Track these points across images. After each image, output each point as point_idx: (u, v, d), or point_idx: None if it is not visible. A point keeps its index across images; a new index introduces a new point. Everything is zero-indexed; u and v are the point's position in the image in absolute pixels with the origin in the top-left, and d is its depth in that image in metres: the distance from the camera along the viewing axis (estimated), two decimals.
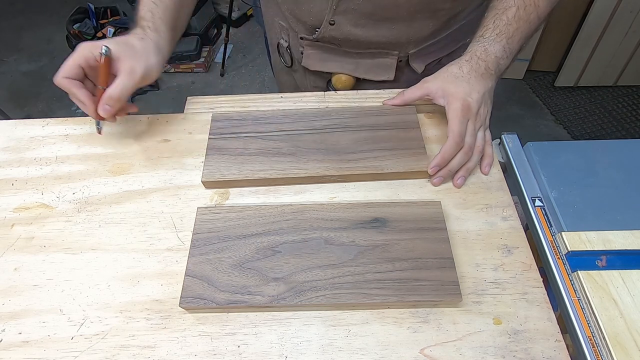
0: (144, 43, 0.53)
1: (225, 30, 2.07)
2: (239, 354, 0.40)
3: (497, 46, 0.52)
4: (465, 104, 0.49)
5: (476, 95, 0.51)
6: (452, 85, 0.51)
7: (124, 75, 0.50)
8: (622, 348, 0.38)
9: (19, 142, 0.59)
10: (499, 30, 0.52)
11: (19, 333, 0.42)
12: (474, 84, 0.51)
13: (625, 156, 0.52)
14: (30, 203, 0.52)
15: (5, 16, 2.54)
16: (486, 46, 0.52)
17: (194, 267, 0.44)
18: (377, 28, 0.62)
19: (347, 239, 0.45)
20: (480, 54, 0.52)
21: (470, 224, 0.48)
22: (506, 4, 0.53)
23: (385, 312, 0.42)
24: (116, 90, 0.50)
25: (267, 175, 0.51)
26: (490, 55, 0.52)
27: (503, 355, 0.39)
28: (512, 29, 0.52)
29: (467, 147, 0.50)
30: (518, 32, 0.53)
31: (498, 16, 0.53)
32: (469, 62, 0.52)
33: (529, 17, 0.53)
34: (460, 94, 0.50)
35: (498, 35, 0.52)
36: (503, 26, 0.52)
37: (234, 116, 0.57)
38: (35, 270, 0.46)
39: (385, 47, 0.65)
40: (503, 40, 0.52)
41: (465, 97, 0.50)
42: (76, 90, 0.50)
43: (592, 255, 0.44)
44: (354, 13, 0.60)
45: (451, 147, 0.49)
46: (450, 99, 0.50)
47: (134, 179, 0.54)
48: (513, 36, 0.52)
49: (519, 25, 0.53)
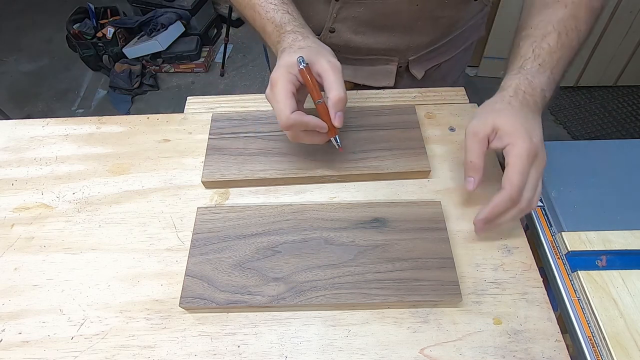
0: (312, 39, 0.46)
1: (225, 30, 2.07)
2: (239, 354, 0.40)
3: (542, 78, 0.45)
4: (531, 147, 0.40)
5: (538, 135, 0.42)
6: (510, 122, 0.41)
7: (332, 73, 0.43)
8: (622, 348, 0.38)
9: (19, 142, 0.59)
10: (542, 60, 0.45)
11: (19, 333, 0.42)
12: (532, 122, 0.42)
13: (625, 156, 0.52)
14: (30, 203, 0.52)
15: (5, 16, 2.54)
16: (530, 79, 0.44)
17: (194, 267, 0.44)
18: (377, 35, 0.61)
19: (347, 239, 0.45)
20: (525, 88, 0.44)
21: (470, 224, 0.48)
22: (544, 30, 0.46)
23: (385, 312, 0.42)
24: (340, 90, 0.42)
25: (267, 175, 0.51)
26: (536, 88, 0.44)
27: (503, 355, 0.39)
28: (555, 57, 0.45)
29: (524, 204, 0.41)
30: (562, 60, 0.46)
31: (537, 44, 0.46)
32: (516, 97, 0.43)
33: (571, 43, 0.46)
34: (523, 134, 0.40)
35: (541, 66, 0.45)
36: (545, 55, 0.45)
37: (234, 116, 0.57)
38: (35, 270, 0.46)
39: (385, 53, 0.65)
40: (547, 70, 0.45)
41: (531, 138, 0.41)
42: (308, 119, 0.43)
43: (592, 255, 0.44)
44: (354, 21, 0.59)
45: (505, 202, 0.40)
46: (513, 140, 0.40)
47: (134, 179, 0.54)
48: (557, 65, 0.45)
49: (562, 53, 0.45)
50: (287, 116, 0.42)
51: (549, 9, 0.47)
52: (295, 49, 0.44)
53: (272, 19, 0.48)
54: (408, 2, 0.56)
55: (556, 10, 0.47)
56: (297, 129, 0.44)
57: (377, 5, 0.56)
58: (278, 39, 0.47)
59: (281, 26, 0.47)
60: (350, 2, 0.57)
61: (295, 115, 0.42)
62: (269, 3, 0.48)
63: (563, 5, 0.47)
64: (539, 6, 0.48)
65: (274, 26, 0.48)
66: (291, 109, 0.42)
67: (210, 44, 2.30)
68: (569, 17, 0.46)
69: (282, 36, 0.46)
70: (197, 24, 2.22)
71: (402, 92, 0.63)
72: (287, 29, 0.47)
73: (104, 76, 2.16)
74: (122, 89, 2.04)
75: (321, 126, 0.44)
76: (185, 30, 2.19)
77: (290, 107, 0.42)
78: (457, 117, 0.59)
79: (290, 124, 0.42)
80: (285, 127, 0.43)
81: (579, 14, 0.46)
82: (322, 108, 0.44)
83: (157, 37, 2.08)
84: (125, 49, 2.10)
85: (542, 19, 0.47)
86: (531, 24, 0.48)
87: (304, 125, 0.43)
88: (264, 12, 0.48)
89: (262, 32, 0.50)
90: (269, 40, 0.49)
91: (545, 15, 0.47)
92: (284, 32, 0.47)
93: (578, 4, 0.47)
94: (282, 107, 0.42)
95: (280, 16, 0.47)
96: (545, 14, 0.47)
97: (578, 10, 0.46)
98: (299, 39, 0.45)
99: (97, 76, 2.18)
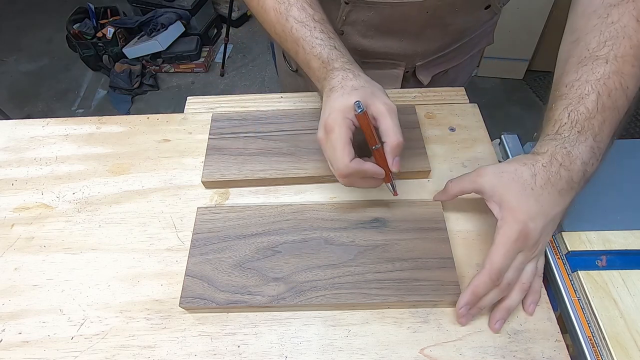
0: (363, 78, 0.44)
1: (225, 30, 2.07)
2: (239, 354, 0.40)
3: (583, 148, 0.38)
4: (523, 231, 0.38)
5: (542, 222, 0.38)
6: (515, 196, 0.38)
7: (388, 117, 0.41)
8: (622, 348, 0.38)
9: (19, 142, 0.59)
10: (580, 127, 0.39)
11: (19, 333, 0.42)
12: (544, 204, 0.38)
13: (625, 156, 0.52)
14: (30, 203, 0.52)
15: (5, 16, 2.54)
16: (568, 148, 0.38)
17: (194, 267, 0.44)
18: (385, 40, 0.61)
19: (347, 239, 0.45)
20: (562, 159, 0.38)
21: (470, 224, 0.48)
22: (581, 91, 0.40)
23: (385, 312, 0.42)
24: (399, 135, 0.40)
25: (267, 175, 0.51)
26: (575, 161, 0.38)
27: (503, 355, 0.39)
28: (597, 122, 0.39)
29: (504, 284, 0.39)
30: (606, 124, 0.39)
31: (574, 107, 0.39)
32: (546, 170, 0.38)
33: (615, 104, 0.39)
34: (521, 215, 0.38)
35: (580, 134, 0.39)
36: (584, 121, 0.39)
37: (234, 116, 0.57)
38: (35, 270, 0.46)
39: (393, 58, 0.64)
40: (589, 138, 0.39)
41: (527, 222, 0.38)
42: (367, 167, 0.41)
43: (592, 255, 0.44)
44: (363, 24, 0.59)
45: (484, 283, 0.38)
46: (506, 216, 0.38)
47: (134, 179, 0.54)
48: (601, 131, 0.39)
49: (605, 117, 0.39)
50: (346, 165, 0.40)
51: (586, 65, 0.41)
52: (349, 89, 0.42)
53: (319, 55, 0.45)
54: (419, 9, 0.55)
55: (595, 67, 0.40)
56: (355, 177, 0.42)
57: (387, 10, 0.56)
58: (325, 76, 0.44)
59: (329, 62, 0.44)
60: (360, 5, 0.56)
61: (354, 163, 0.40)
62: (314, 38, 0.45)
63: (604, 60, 0.40)
64: (575, 62, 0.42)
65: (320, 62, 0.45)
66: (350, 157, 0.40)
67: (210, 44, 2.31)
68: (612, 73, 0.39)
69: (330, 73, 0.44)
70: (197, 24, 2.22)
71: (402, 92, 0.63)
72: (335, 66, 0.44)
73: (104, 76, 2.16)
74: (122, 89, 2.04)
75: (379, 173, 0.42)
76: (185, 30, 2.19)
77: (349, 155, 0.40)
78: (457, 117, 0.59)
79: (350, 172, 0.40)
80: (343, 176, 0.41)
81: (624, 69, 0.39)
82: (378, 153, 0.42)
83: (157, 37, 2.09)
84: (125, 49, 2.10)
85: (579, 78, 0.40)
86: (566, 81, 0.41)
87: (363, 173, 0.41)
88: (309, 47, 0.45)
89: (305, 66, 0.47)
90: (314, 75, 0.47)
91: (583, 73, 0.40)
92: (332, 69, 0.44)
93: (623, 57, 0.40)
94: (341, 155, 0.40)
95: (327, 52, 0.45)
96: (582, 71, 0.41)
97: (623, 65, 0.40)
98: (350, 77, 0.43)
99: (97, 76, 2.18)
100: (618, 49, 0.40)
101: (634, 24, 0.40)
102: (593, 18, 0.42)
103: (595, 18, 0.42)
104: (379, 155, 0.42)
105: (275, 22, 0.48)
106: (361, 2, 0.55)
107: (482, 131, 0.57)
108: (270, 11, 0.48)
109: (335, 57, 0.45)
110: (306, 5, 0.47)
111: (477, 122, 0.58)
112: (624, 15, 0.41)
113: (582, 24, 0.44)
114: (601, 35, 0.41)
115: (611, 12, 0.41)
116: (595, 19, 0.42)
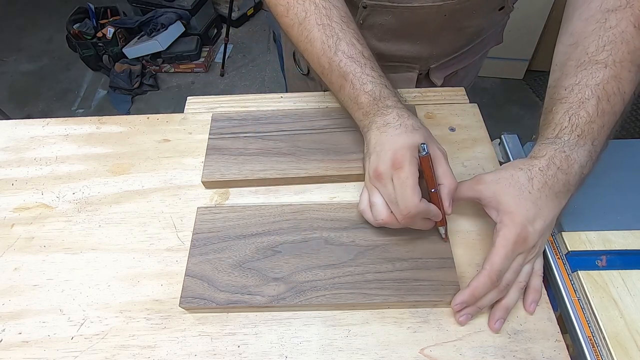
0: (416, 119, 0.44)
1: (225, 30, 2.07)
2: (239, 354, 0.40)
3: (582, 152, 0.40)
4: (522, 234, 0.39)
5: (540, 225, 0.39)
6: (513, 200, 0.39)
7: (444, 161, 0.42)
8: (622, 348, 0.38)
9: (19, 142, 0.59)
10: (580, 131, 0.40)
11: (19, 333, 0.42)
12: (542, 207, 0.39)
13: (625, 156, 0.52)
14: (30, 203, 0.52)
15: (5, 16, 2.54)
16: (567, 152, 0.39)
17: (194, 267, 0.44)
18: (401, 43, 0.61)
19: (347, 239, 0.45)
20: (560, 163, 0.39)
21: (470, 224, 0.48)
22: (581, 95, 0.40)
23: (385, 312, 0.42)
24: (454, 179, 0.42)
25: (267, 175, 0.51)
26: (573, 165, 0.39)
27: (503, 355, 0.39)
28: (596, 127, 0.40)
29: (503, 285, 0.40)
30: (605, 129, 0.40)
31: (574, 112, 0.40)
32: (543, 174, 0.39)
33: (613, 109, 0.40)
34: (519, 218, 0.39)
35: (580, 138, 0.40)
36: (584, 125, 0.40)
37: (234, 116, 0.57)
38: (35, 270, 0.46)
39: (408, 61, 0.64)
40: (588, 143, 0.40)
41: (526, 225, 0.39)
42: (432, 207, 0.41)
43: (592, 255, 0.44)
44: (380, 28, 0.59)
45: (484, 284, 0.39)
46: (504, 219, 0.39)
47: (134, 179, 0.54)
48: (599, 136, 0.40)
49: (604, 121, 0.40)
50: (416, 205, 0.39)
51: (586, 69, 0.41)
52: (410, 128, 0.42)
53: (371, 92, 0.45)
54: (436, 12, 0.55)
55: (594, 71, 0.41)
56: (419, 217, 0.41)
57: (405, 14, 0.55)
58: (376, 112, 0.45)
59: (380, 100, 0.45)
60: (378, 9, 0.56)
61: (423, 203, 0.39)
62: (365, 75, 0.45)
63: (603, 65, 0.40)
64: (574, 65, 0.42)
65: (371, 98, 0.45)
66: (419, 197, 0.39)
67: (210, 44, 2.31)
68: (610, 78, 0.40)
69: (384, 110, 0.44)
70: (197, 24, 2.22)
71: (402, 92, 0.63)
72: (387, 104, 0.44)
73: (104, 76, 2.17)
74: (122, 89, 2.04)
75: (439, 215, 0.42)
76: (185, 30, 2.19)
77: (419, 195, 0.39)
78: (457, 117, 0.58)
79: (418, 212, 0.39)
80: (411, 216, 0.40)
81: (621, 74, 0.40)
82: (435, 197, 0.41)
83: (157, 37, 2.09)
84: (125, 49, 2.10)
85: (579, 82, 0.41)
86: (565, 84, 0.42)
87: (428, 213, 0.41)
88: (359, 83, 0.45)
89: (350, 101, 0.47)
90: (359, 110, 0.46)
91: (582, 77, 0.41)
92: (385, 106, 0.44)
93: (621, 62, 0.40)
94: (411, 194, 0.39)
95: (379, 89, 0.45)
96: (581, 75, 0.41)
97: (621, 70, 0.40)
98: (406, 115, 0.43)
99: (97, 76, 2.18)
100: (616, 53, 0.41)
101: (632, 30, 0.41)
102: (591, 22, 0.43)
103: (593, 22, 0.43)
104: (436, 198, 0.42)
105: (321, 54, 0.47)
106: (379, 6, 0.55)
107: (482, 131, 0.57)
108: (316, 42, 0.47)
109: (386, 95, 0.45)
110: (355, 41, 0.47)
111: (477, 122, 0.58)
112: (622, 20, 0.41)
113: (580, 28, 0.44)
114: (600, 39, 0.41)
115: (609, 17, 0.42)
116: (593, 23, 0.43)
